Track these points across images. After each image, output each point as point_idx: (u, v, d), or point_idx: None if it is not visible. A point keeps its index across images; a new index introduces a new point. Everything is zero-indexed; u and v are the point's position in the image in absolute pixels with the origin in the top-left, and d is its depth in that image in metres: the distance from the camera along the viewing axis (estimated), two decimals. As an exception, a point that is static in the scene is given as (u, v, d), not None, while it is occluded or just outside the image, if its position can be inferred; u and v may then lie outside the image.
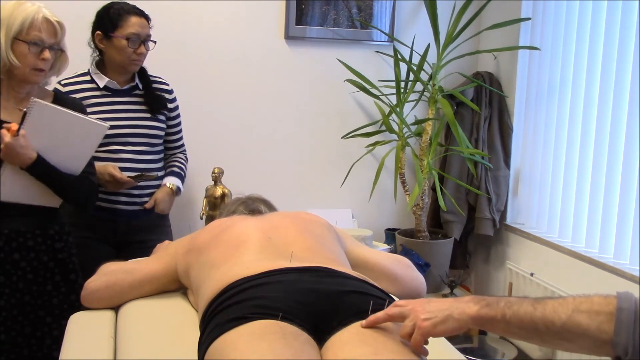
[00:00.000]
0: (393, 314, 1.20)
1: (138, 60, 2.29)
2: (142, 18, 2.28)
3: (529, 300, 1.08)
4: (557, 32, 2.72)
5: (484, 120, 3.02)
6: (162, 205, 2.39)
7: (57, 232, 2.02)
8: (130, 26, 2.23)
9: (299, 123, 3.10)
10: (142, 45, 2.27)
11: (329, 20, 3.03)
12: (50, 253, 1.99)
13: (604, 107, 2.43)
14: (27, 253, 1.94)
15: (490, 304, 1.10)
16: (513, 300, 1.10)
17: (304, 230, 1.63)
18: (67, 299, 2.00)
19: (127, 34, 2.23)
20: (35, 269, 1.96)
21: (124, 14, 2.24)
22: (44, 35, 1.84)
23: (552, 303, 1.05)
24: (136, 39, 2.24)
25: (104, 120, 2.27)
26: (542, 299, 1.08)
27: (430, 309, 1.16)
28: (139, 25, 2.25)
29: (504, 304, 1.09)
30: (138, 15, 2.27)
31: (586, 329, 1.01)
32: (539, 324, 1.05)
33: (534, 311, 1.06)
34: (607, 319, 1.00)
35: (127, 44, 2.23)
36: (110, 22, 2.24)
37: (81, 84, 2.31)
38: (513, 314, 1.08)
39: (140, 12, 2.29)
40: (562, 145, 2.69)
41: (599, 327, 1.00)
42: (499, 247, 3.12)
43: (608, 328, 0.99)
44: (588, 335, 1.01)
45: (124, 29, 2.23)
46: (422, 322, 1.15)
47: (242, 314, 1.22)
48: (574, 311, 1.02)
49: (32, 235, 1.95)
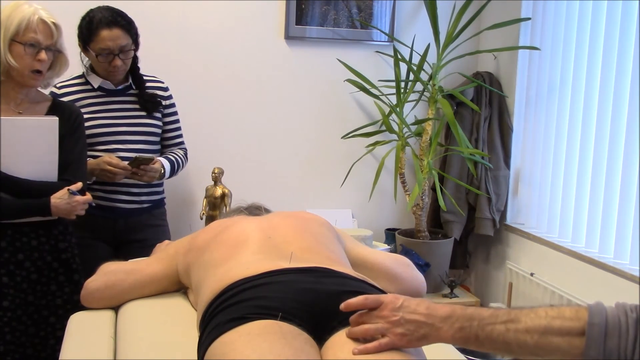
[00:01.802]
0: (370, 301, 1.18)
1: (115, 72, 2.25)
2: (115, 29, 2.16)
3: (501, 318, 1.07)
4: (557, 32, 2.72)
5: (484, 120, 3.02)
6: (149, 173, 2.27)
7: (61, 232, 2.02)
8: (99, 41, 2.16)
9: (299, 123, 3.10)
10: (115, 59, 2.20)
11: (329, 20, 3.03)
12: (54, 253, 2.00)
13: (604, 107, 2.43)
14: (31, 253, 1.94)
15: (463, 328, 1.09)
16: (486, 319, 1.08)
17: (304, 230, 1.63)
18: (71, 299, 2.00)
19: (97, 50, 2.18)
20: (39, 269, 1.96)
21: (93, 29, 2.16)
22: (40, 36, 1.85)
23: (525, 321, 1.05)
24: (107, 53, 2.18)
25: (101, 119, 2.28)
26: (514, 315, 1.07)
27: (408, 322, 1.13)
28: (109, 38, 2.16)
29: (477, 323, 1.08)
30: (109, 27, 2.15)
31: (558, 346, 1.03)
32: (512, 344, 1.06)
33: (506, 332, 1.06)
34: (578, 335, 1.01)
35: (98, 59, 2.20)
36: (84, 35, 2.20)
37: (76, 86, 2.32)
38: (486, 336, 1.08)
39: (112, 22, 2.16)
40: (562, 145, 2.69)
41: (570, 343, 1.02)
42: (499, 247, 3.12)
43: (579, 343, 1.01)
44: (561, 352, 1.03)
45: (95, 44, 2.18)
46: (397, 337, 1.14)
47: (242, 314, 1.22)
48: (545, 330, 1.03)
49: (35, 235, 1.95)
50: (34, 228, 1.95)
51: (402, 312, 1.14)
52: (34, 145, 1.88)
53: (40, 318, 1.97)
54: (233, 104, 3.00)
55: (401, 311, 1.14)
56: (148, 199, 2.41)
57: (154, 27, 2.78)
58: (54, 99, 2.07)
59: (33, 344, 1.96)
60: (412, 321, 1.13)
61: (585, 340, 1.00)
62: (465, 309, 1.12)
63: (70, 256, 2.04)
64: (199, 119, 2.91)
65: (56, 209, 1.89)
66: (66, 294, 2.01)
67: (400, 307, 1.15)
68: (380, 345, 1.15)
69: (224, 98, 2.99)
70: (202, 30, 2.91)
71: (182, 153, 2.54)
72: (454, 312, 1.11)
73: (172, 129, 2.51)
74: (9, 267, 1.90)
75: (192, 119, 2.80)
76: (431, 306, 1.14)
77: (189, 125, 2.67)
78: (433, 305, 1.14)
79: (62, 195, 1.88)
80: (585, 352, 1.00)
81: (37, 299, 1.96)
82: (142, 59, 2.40)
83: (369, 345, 1.16)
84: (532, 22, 2.89)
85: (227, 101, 2.99)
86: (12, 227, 1.91)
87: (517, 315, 1.07)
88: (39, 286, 1.96)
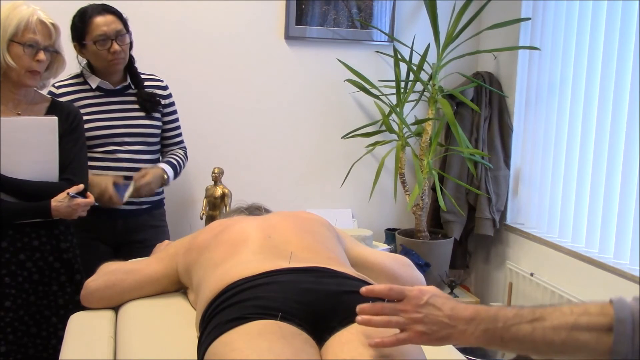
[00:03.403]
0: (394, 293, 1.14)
1: (115, 59, 2.24)
2: (107, 15, 2.20)
3: (526, 318, 1.05)
4: (557, 32, 2.72)
5: (484, 120, 3.02)
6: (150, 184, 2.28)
7: (62, 232, 2.02)
8: (94, 29, 2.18)
9: (298, 123, 3.10)
10: (113, 43, 2.20)
11: (329, 20, 3.03)
12: (56, 253, 2.00)
13: (604, 107, 2.43)
14: (33, 253, 1.94)
15: (487, 330, 1.06)
16: (511, 319, 1.06)
17: (304, 229, 1.63)
18: (73, 299, 2.00)
19: (94, 37, 2.18)
20: (40, 269, 1.96)
21: (86, 19, 2.19)
22: (38, 37, 1.85)
23: (551, 319, 1.03)
24: (104, 39, 2.19)
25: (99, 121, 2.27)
26: (539, 313, 1.05)
27: (431, 321, 1.10)
28: (104, 24, 2.18)
29: (501, 324, 1.06)
30: (101, 14, 2.19)
31: (586, 343, 1.01)
32: (539, 343, 1.04)
33: (533, 332, 1.04)
34: (605, 331, 0.99)
35: (96, 47, 2.19)
36: (78, 30, 2.21)
37: (74, 86, 2.31)
38: (512, 336, 1.05)
39: (104, 9, 2.21)
40: (562, 145, 2.69)
41: (598, 340, 1.00)
42: (499, 247, 3.12)
43: (607, 339, 0.99)
44: (588, 349, 1.01)
45: (90, 34, 2.19)
46: (416, 334, 1.11)
47: (242, 314, 1.22)
48: (573, 327, 1.01)
49: (37, 236, 1.95)
50: (35, 228, 1.95)
51: (425, 309, 1.10)
52: (33, 146, 1.87)
53: (42, 318, 1.97)
54: (233, 104, 3.00)
55: (425, 309, 1.11)
56: (147, 199, 2.41)
57: (153, 27, 2.78)
58: (53, 99, 2.07)
59: (35, 344, 1.96)
60: (435, 321, 1.10)
61: (614, 336, 0.98)
62: (489, 309, 1.09)
63: (71, 256, 2.04)
64: (198, 118, 2.91)
65: (57, 212, 1.89)
66: (68, 294, 2.01)
67: (425, 304, 1.11)
68: (398, 340, 1.12)
69: (224, 98, 2.99)
70: (202, 30, 2.91)
71: (182, 153, 2.54)
72: (478, 314, 1.08)
73: (172, 129, 2.50)
74: (10, 267, 1.90)
75: (192, 118, 2.79)
76: (456, 307, 1.11)
77: (189, 125, 2.67)
78: (458, 306, 1.10)
79: (63, 199, 1.88)
80: (614, 348, 0.98)
81: (39, 299, 1.96)
82: (142, 59, 2.40)
83: (386, 339, 1.13)
84: (532, 22, 2.88)
85: (227, 101, 2.99)
86: (14, 228, 1.91)
87: (542, 313, 1.05)
88: (41, 286, 1.96)
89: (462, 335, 1.09)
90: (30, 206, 1.89)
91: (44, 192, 1.89)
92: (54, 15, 1.93)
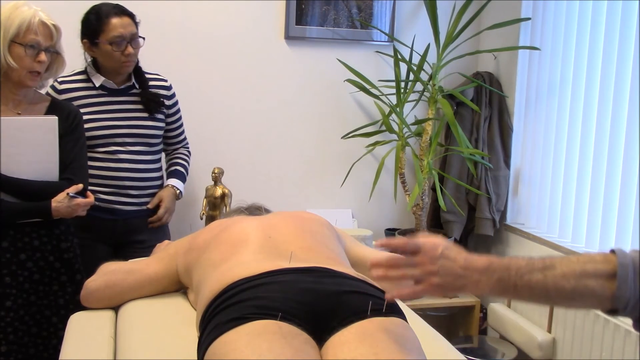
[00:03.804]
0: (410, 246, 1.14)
1: (128, 61, 2.24)
2: (124, 17, 2.20)
3: (537, 266, 1.09)
4: (557, 32, 2.72)
5: (484, 120, 3.02)
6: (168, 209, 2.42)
7: (63, 232, 2.03)
8: (112, 29, 2.17)
9: (299, 123, 3.10)
10: (128, 46, 2.21)
11: (329, 20, 3.03)
12: (56, 253, 2.00)
13: (604, 107, 2.43)
14: (33, 253, 1.95)
15: (501, 279, 1.09)
16: (523, 268, 1.09)
17: (304, 229, 1.63)
18: (73, 299, 2.00)
19: (111, 38, 2.18)
20: (41, 269, 1.96)
21: (103, 18, 2.17)
22: (40, 38, 1.86)
23: (560, 267, 1.07)
24: (120, 41, 2.19)
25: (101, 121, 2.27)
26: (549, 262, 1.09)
27: (446, 273, 1.11)
28: (121, 26, 2.18)
29: (514, 273, 1.08)
30: (118, 15, 2.19)
31: (593, 290, 1.05)
32: (550, 291, 1.07)
33: (544, 279, 1.07)
34: (609, 278, 1.04)
35: (112, 48, 2.19)
36: (93, 28, 2.19)
37: (77, 83, 2.29)
38: (524, 284, 1.08)
39: (121, 11, 2.21)
40: (562, 145, 2.69)
41: (603, 286, 1.04)
42: (499, 247, 3.12)
43: (610, 285, 1.03)
44: (595, 295, 1.05)
45: (106, 34, 2.18)
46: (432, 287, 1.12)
47: (242, 314, 1.22)
48: (581, 275, 1.05)
49: (37, 236, 1.96)
50: (35, 228, 1.95)
51: (440, 262, 1.12)
52: (34, 145, 1.88)
53: (42, 318, 1.97)
54: (233, 103, 3.00)
55: (440, 261, 1.12)
56: (148, 200, 2.41)
57: (153, 27, 2.78)
58: (52, 98, 2.08)
59: (35, 344, 1.96)
60: (450, 273, 1.11)
61: (617, 280, 1.03)
62: (502, 259, 1.12)
63: (72, 256, 2.05)
64: (198, 118, 2.91)
65: (57, 212, 1.90)
66: (68, 293, 2.02)
67: (440, 256, 1.12)
68: (414, 292, 1.13)
69: (224, 98, 2.98)
70: (202, 31, 2.91)
71: (186, 153, 2.55)
72: (492, 264, 1.11)
73: (176, 128, 2.51)
74: (11, 267, 1.91)
75: (192, 118, 2.79)
76: (470, 257, 1.12)
77: (189, 125, 2.67)
78: (471, 257, 1.12)
79: (62, 199, 1.89)
80: (617, 293, 1.03)
81: (40, 299, 1.96)
82: (142, 59, 2.40)
83: (403, 291, 1.14)
84: (532, 22, 2.88)
85: (227, 101, 2.99)
86: (14, 227, 1.92)
87: (552, 262, 1.09)
88: (41, 286, 1.97)
89: (476, 285, 1.11)
90: (31, 206, 1.89)
91: (44, 191, 1.90)
92: (55, 15, 1.93)
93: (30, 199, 1.89)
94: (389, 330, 1.24)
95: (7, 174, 1.85)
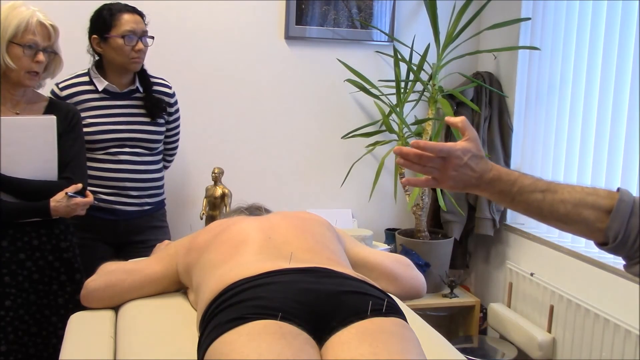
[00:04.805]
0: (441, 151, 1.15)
1: (138, 58, 2.26)
2: (135, 14, 2.25)
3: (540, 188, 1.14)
4: (557, 32, 2.72)
5: (484, 120, 3.02)
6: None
7: (62, 231, 2.03)
8: (124, 24, 2.21)
9: (299, 123, 3.10)
10: (139, 42, 2.24)
11: (329, 20, 3.03)
12: (56, 252, 2.00)
13: (604, 107, 2.43)
14: (33, 252, 1.95)
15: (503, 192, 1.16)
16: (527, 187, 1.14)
17: (304, 230, 1.63)
18: (73, 299, 2.00)
19: (122, 32, 2.20)
20: (40, 268, 1.96)
21: (117, 13, 2.22)
22: (38, 38, 1.86)
23: (562, 192, 1.13)
24: (132, 36, 2.22)
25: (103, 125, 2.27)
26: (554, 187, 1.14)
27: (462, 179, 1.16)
28: (133, 21, 2.22)
29: (517, 189, 1.14)
30: (130, 12, 2.24)
31: (586, 218, 1.11)
32: (544, 210, 1.14)
33: (542, 200, 1.14)
34: (606, 212, 1.09)
35: (123, 42, 2.21)
36: (104, 23, 2.21)
37: (79, 86, 2.28)
38: (522, 200, 1.15)
39: (132, 9, 2.26)
40: (562, 145, 2.69)
41: (597, 218, 1.10)
42: (499, 247, 3.12)
43: (605, 218, 1.09)
44: (587, 224, 1.11)
45: (118, 28, 2.20)
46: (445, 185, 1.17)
47: (242, 315, 1.22)
48: (579, 203, 1.11)
49: (37, 235, 1.96)
50: (35, 227, 1.95)
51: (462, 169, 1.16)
52: (32, 145, 1.88)
53: (42, 317, 1.97)
54: (233, 104, 3.00)
55: (462, 169, 1.16)
56: (148, 201, 2.41)
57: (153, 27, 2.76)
58: (51, 98, 2.08)
59: (35, 344, 1.96)
60: (464, 180, 1.16)
61: (613, 211, 1.08)
62: (511, 174, 1.17)
63: (71, 255, 2.05)
64: (198, 118, 2.91)
65: (56, 211, 1.90)
66: (68, 293, 2.02)
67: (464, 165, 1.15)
68: (427, 182, 1.19)
69: (224, 98, 2.98)
70: (202, 31, 2.91)
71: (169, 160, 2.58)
72: (500, 178, 1.16)
73: (174, 134, 2.53)
74: (10, 266, 1.91)
75: (192, 118, 2.80)
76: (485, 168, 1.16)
77: (189, 125, 2.67)
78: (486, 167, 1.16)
79: (61, 199, 1.89)
80: (609, 224, 1.07)
81: (39, 299, 1.96)
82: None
83: (418, 181, 1.21)
84: (532, 22, 2.88)
85: (227, 101, 2.99)
86: (14, 227, 1.92)
87: (556, 187, 1.15)
88: (41, 286, 1.97)
89: (480, 191, 1.19)
90: (30, 206, 1.89)
91: (43, 191, 1.90)
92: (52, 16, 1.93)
93: (29, 199, 1.89)
94: (389, 330, 1.24)
95: (6, 174, 1.85)
